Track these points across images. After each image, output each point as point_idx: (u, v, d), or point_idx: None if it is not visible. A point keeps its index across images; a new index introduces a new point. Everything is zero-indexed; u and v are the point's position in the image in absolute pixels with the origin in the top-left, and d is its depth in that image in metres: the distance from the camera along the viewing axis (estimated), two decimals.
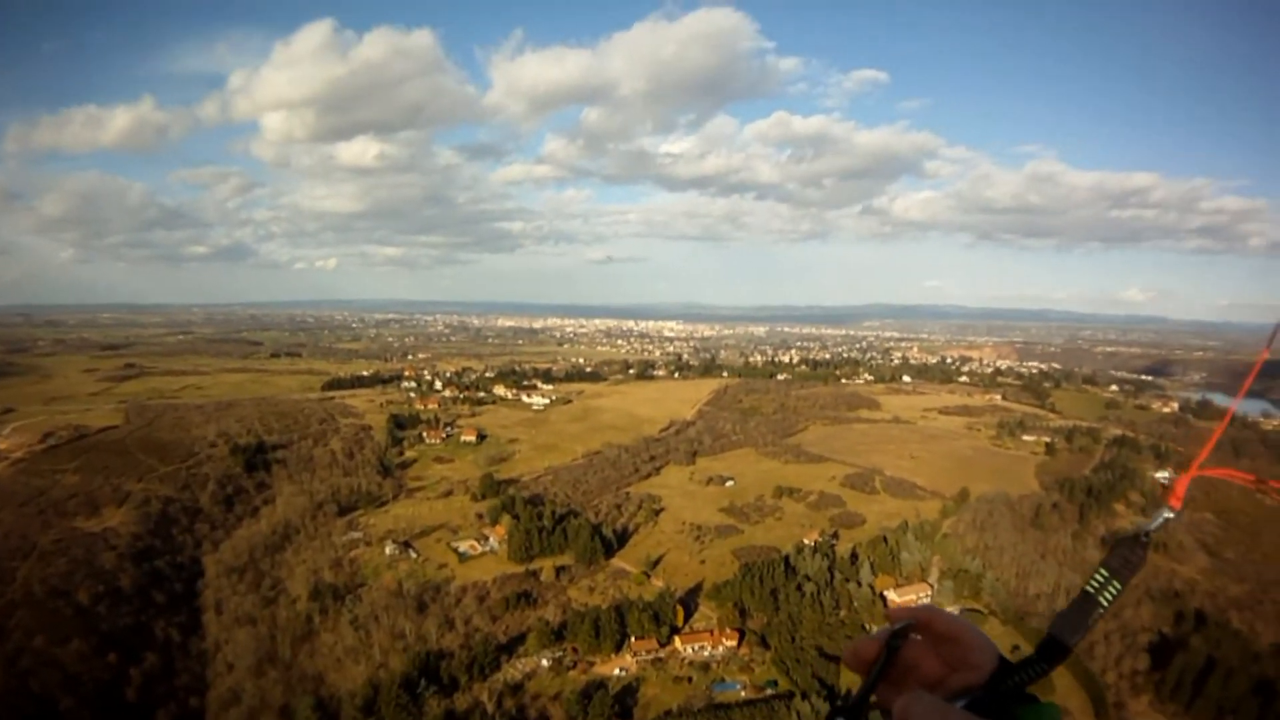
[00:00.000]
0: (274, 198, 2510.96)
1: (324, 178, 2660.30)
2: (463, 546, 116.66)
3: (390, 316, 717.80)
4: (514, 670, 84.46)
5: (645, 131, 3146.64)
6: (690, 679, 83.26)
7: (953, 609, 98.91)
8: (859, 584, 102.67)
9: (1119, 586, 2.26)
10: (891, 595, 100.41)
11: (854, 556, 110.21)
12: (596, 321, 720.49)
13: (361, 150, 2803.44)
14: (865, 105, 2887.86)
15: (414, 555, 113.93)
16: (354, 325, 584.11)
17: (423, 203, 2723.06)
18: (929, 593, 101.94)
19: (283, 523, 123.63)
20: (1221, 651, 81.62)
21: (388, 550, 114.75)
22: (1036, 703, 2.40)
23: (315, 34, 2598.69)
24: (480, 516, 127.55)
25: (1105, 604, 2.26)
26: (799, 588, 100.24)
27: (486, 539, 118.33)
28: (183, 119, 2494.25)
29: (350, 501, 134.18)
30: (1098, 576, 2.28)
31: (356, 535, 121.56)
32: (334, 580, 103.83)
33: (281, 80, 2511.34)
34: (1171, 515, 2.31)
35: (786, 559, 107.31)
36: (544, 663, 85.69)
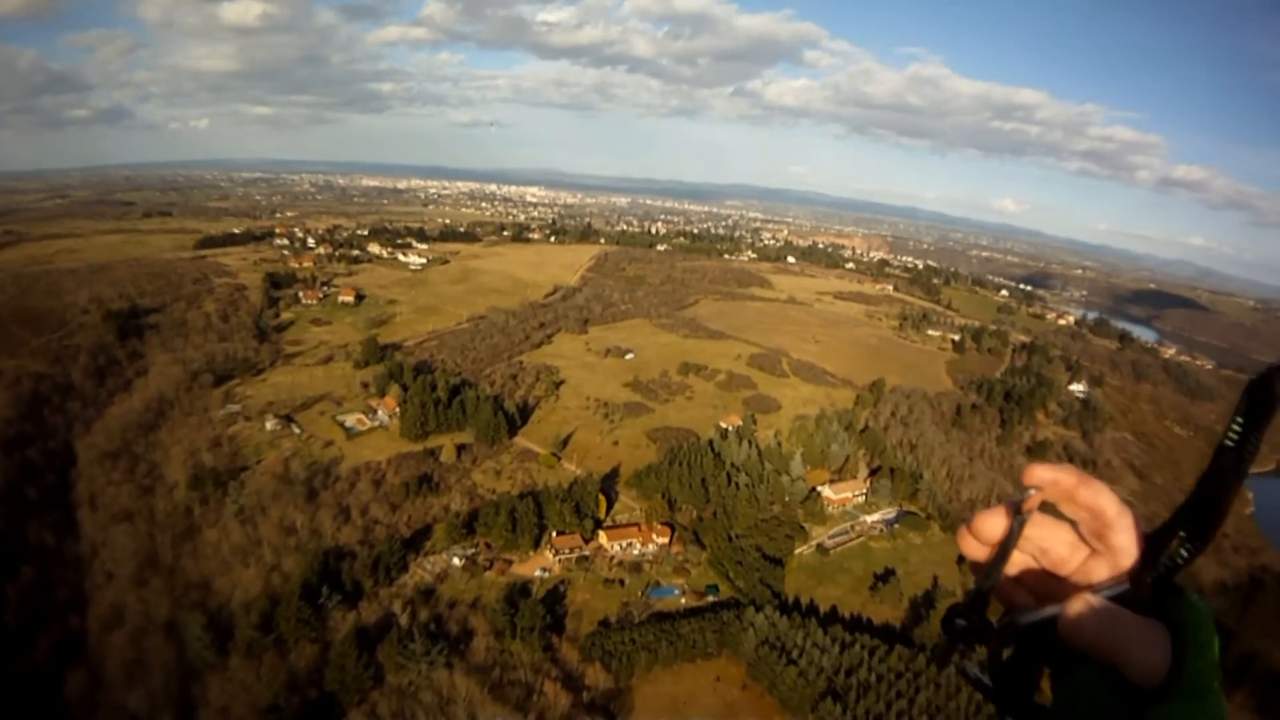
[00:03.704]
0: (155, 59, 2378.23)
1: (205, 37, 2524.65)
2: (349, 420, 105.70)
3: (258, 175, 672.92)
4: (423, 571, 75.75)
5: None
6: (622, 581, 77.13)
7: (889, 512, 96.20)
8: (790, 477, 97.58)
9: (1258, 438, 1.70)
10: (826, 491, 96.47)
11: (779, 445, 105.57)
12: (460, 184, 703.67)
13: (244, 9, 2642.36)
14: None
15: (297, 431, 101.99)
16: (223, 184, 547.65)
17: (298, 63, 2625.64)
18: (863, 490, 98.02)
19: (156, 396, 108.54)
20: None
21: (269, 425, 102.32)
22: (1182, 594, 1.85)
23: None
24: (365, 386, 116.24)
25: (1247, 459, 1.72)
26: (729, 478, 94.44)
27: (375, 412, 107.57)
28: None
29: (226, 369, 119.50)
30: (1234, 428, 1.73)
31: (235, 409, 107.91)
32: (214, 463, 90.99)
33: None
34: None
35: (710, 444, 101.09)
36: (455, 561, 77.31)
